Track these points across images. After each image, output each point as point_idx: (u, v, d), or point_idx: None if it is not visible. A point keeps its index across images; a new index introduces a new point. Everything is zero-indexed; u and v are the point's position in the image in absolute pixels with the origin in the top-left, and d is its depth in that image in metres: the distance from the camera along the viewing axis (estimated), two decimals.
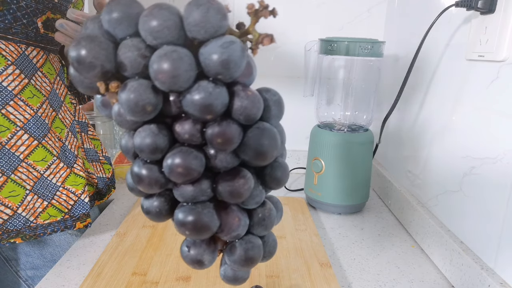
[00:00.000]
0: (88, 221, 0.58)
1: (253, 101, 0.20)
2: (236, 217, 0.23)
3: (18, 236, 0.53)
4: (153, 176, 0.21)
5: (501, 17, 0.47)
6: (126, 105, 0.19)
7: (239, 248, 0.24)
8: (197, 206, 0.22)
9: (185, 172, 0.20)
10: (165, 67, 0.18)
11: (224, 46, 0.19)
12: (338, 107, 0.81)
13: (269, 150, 0.21)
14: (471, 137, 0.53)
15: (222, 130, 0.20)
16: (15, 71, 0.51)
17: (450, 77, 0.59)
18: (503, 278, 0.45)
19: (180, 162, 0.20)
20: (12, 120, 0.51)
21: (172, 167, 0.20)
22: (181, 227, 0.22)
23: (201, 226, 0.22)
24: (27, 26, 0.51)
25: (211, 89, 0.19)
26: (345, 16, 0.90)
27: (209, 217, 0.22)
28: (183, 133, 0.20)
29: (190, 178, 0.21)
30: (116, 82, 0.20)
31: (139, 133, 0.20)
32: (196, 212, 0.22)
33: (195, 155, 0.20)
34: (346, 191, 0.71)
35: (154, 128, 0.20)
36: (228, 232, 0.23)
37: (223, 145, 0.20)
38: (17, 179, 0.51)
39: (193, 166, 0.20)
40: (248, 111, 0.20)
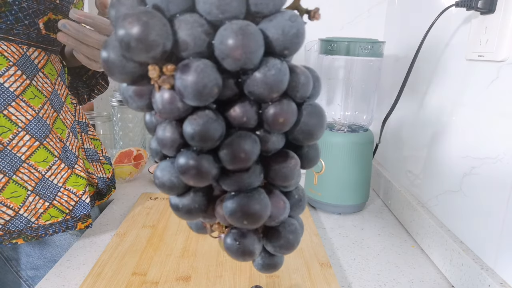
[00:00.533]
0: (89, 221, 0.58)
1: (307, 76, 0.20)
2: (281, 200, 0.22)
3: (19, 237, 0.53)
4: (208, 167, 0.20)
5: (501, 17, 0.47)
6: (192, 88, 0.17)
7: (284, 232, 0.23)
8: (252, 192, 0.21)
9: (246, 157, 0.19)
10: (240, 42, 0.17)
11: (292, 20, 0.18)
12: (338, 107, 0.81)
13: (319, 128, 0.21)
14: (471, 137, 0.53)
15: (285, 109, 0.19)
16: (17, 72, 0.51)
17: (450, 77, 0.59)
18: (503, 278, 0.45)
19: (241, 148, 0.19)
20: (13, 121, 0.51)
21: (232, 154, 0.19)
22: (235, 216, 0.21)
23: (257, 213, 0.21)
24: (29, 27, 0.51)
25: (279, 65, 0.18)
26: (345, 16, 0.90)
27: (265, 203, 0.21)
28: (240, 117, 0.19)
29: (248, 164, 0.20)
30: (172, 64, 0.18)
31: (194, 121, 0.19)
32: (252, 199, 0.21)
33: (254, 139, 0.20)
34: (346, 191, 0.71)
35: (211, 114, 0.19)
36: (276, 217, 0.22)
37: (284, 125, 0.19)
38: (18, 180, 0.51)
39: (253, 150, 0.19)
40: (305, 87, 0.20)
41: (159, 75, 0.18)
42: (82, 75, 0.69)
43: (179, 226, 0.63)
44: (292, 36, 0.18)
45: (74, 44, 0.51)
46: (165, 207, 0.70)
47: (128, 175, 0.85)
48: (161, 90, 0.19)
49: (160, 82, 0.18)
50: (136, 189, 0.82)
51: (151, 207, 0.70)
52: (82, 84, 0.69)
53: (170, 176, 0.21)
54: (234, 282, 0.49)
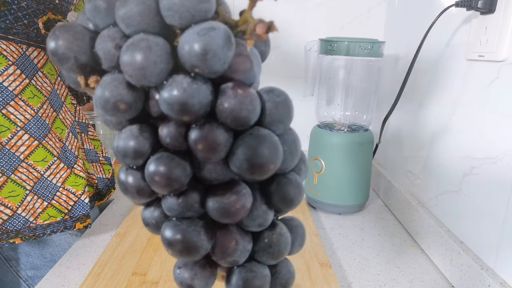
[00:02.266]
0: (88, 221, 0.58)
1: (242, 101, 0.17)
2: (233, 239, 0.19)
3: (17, 237, 0.53)
4: (137, 184, 0.19)
5: (501, 17, 0.47)
6: (98, 102, 0.17)
7: (236, 277, 0.20)
8: (183, 222, 0.19)
9: (165, 181, 0.17)
10: (131, 58, 0.16)
11: (200, 34, 0.16)
12: (338, 107, 0.81)
13: (264, 161, 0.17)
14: (471, 137, 0.53)
15: (204, 134, 0.17)
16: (16, 71, 0.51)
17: (450, 77, 0.59)
18: (503, 278, 0.45)
19: (159, 170, 0.17)
20: (12, 120, 0.51)
21: (151, 175, 0.18)
22: (165, 244, 0.19)
23: (185, 246, 0.19)
24: (28, 26, 0.51)
25: (186, 84, 0.16)
26: (345, 16, 0.90)
27: (195, 237, 0.19)
28: (165, 137, 0.18)
29: (173, 189, 0.18)
30: (95, 77, 0.18)
31: (120, 135, 0.18)
32: (180, 229, 0.19)
33: (177, 162, 0.18)
34: (346, 191, 0.71)
35: (134, 130, 0.18)
36: (222, 256, 0.20)
37: (206, 152, 0.17)
38: (17, 179, 0.51)
39: (174, 175, 0.17)
40: (236, 113, 0.17)
41: (84, 86, 0.18)
42: None
43: None
44: (196, 53, 0.16)
45: None
46: None
47: None
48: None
49: (88, 93, 0.18)
50: None
51: None
52: None
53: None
54: None
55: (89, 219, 0.58)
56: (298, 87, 0.91)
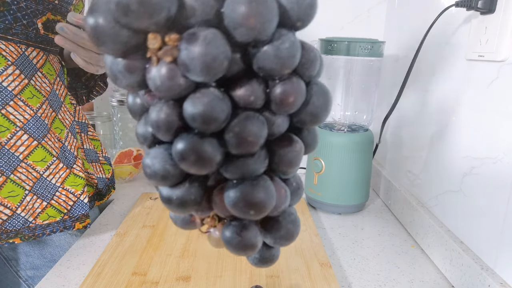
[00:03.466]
0: (87, 221, 0.58)
1: (316, 54, 0.18)
2: (282, 188, 0.20)
3: (17, 237, 0.53)
4: (212, 152, 0.17)
5: (501, 17, 0.47)
6: (201, 60, 0.15)
7: (284, 222, 0.22)
8: (258, 180, 0.19)
9: (254, 140, 0.17)
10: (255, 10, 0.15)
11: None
12: (338, 107, 0.81)
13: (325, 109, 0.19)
14: (471, 137, 0.53)
15: (295, 88, 0.18)
16: (15, 71, 0.51)
17: (450, 77, 0.59)
18: (503, 278, 0.45)
19: (250, 130, 0.17)
20: (12, 120, 0.51)
21: (240, 137, 0.17)
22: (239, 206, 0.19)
23: (264, 203, 0.19)
24: (27, 27, 0.51)
25: (293, 38, 0.17)
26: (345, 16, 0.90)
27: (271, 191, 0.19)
28: (247, 96, 0.17)
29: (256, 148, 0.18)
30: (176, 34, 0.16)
31: (198, 99, 0.17)
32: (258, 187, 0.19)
33: (262, 121, 0.18)
34: (346, 191, 0.71)
35: (217, 92, 0.17)
36: (279, 206, 0.20)
37: (293, 105, 0.18)
38: (16, 179, 0.51)
39: (261, 133, 0.18)
40: (314, 65, 0.18)
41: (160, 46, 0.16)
42: (81, 76, 0.69)
43: None
44: (307, 7, 0.17)
45: (71, 47, 0.51)
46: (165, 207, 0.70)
47: (128, 175, 0.85)
48: (160, 64, 0.16)
49: (161, 54, 0.16)
50: (136, 189, 0.82)
51: (151, 207, 0.70)
52: (81, 85, 0.69)
53: (164, 164, 0.19)
54: (234, 282, 0.49)
55: (89, 219, 0.58)
56: None
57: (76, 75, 0.68)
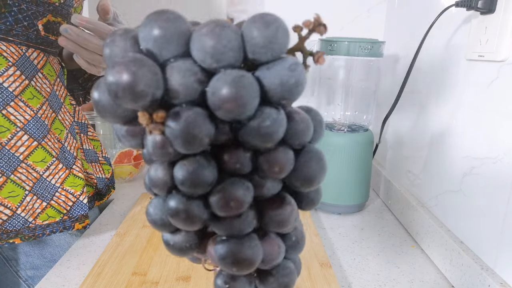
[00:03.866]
0: (87, 222, 0.58)
1: (307, 124, 0.19)
2: (276, 245, 0.21)
3: (17, 237, 0.53)
4: (197, 212, 0.19)
5: (501, 17, 0.47)
6: (181, 137, 0.17)
7: (277, 276, 0.22)
8: (243, 239, 0.20)
9: (237, 205, 0.19)
10: (233, 94, 0.16)
11: (291, 69, 0.17)
12: (338, 107, 0.81)
13: (319, 174, 0.20)
14: (471, 137, 0.53)
15: (280, 157, 0.18)
16: (16, 72, 0.51)
17: (450, 77, 0.59)
18: (503, 278, 0.45)
19: (232, 195, 0.18)
20: (12, 120, 0.51)
21: (222, 201, 0.18)
22: (225, 262, 0.20)
23: (248, 260, 0.20)
24: (28, 28, 0.51)
25: (275, 115, 0.17)
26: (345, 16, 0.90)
27: (256, 250, 0.20)
28: (233, 163, 0.19)
29: (240, 211, 0.19)
30: (162, 112, 0.17)
31: (184, 166, 0.18)
32: (242, 246, 0.20)
33: (247, 186, 0.19)
34: (346, 191, 0.71)
35: (202, 160, 0.18)
36: (270, 262, 0.21)
37: (279, 173, 0.19)
38: (16, 179, 0.51)
39: (245, 199, 0.19)
40: (304, 135, 0.19)
41: (149, 122, 0.17)
42: (78, 78, 0.69)
43: None
44: (291, 87, 0.17)
45: (74, 49, 0.52)
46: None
47: (128, 175, 0.84)
48: (152, 135, 0.18)
49: (150, 128, 0.18)
50: (136, 189, 0.82)
51: None
52: (77, 87, 0.69)
53: (161, 215, 0.21)
54: None
55: (88, 219, 0.58)
56: None
57: (73, 76, 0.68)
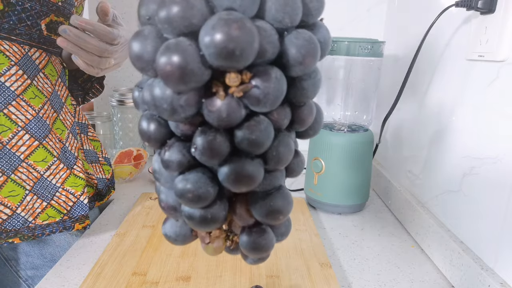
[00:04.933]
0: (87, 222, 0.58)
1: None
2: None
3: (16, 236, 0.53)
4: (255, 170, 0.20)
5: (501, 17, 0.47)
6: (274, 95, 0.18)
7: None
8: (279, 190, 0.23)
9: (287, 159, 0.21)
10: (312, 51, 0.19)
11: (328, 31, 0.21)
12: (338, 107, 0.81)
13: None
14: (471, 137, 0.53)
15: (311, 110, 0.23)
16: (18, 72, 0.51)
17: (450, 77, 0.59)
18: (503, 278, 0.45)
19: (284, 150, 0.21)
20: (13, 120, 0.51)
21: (279, 156, 0.21)
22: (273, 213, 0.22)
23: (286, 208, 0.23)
24: (31, 27, 0.51)
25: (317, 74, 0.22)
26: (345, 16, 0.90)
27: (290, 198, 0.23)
28: (282, 119, 0.21)
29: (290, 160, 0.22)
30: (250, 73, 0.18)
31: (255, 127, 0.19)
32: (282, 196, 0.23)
33: (293, 140, 0.22)
34: (346, 191, 0.71)
35: (267, 120, 0.20)
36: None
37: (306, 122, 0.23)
38: (17, 179, 0.51)
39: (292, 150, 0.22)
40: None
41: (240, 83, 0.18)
42: (78, 78, 0.69)
43: None
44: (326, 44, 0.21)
45: (73, 49, 0.52)
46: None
47: (128, 175, 0.85)
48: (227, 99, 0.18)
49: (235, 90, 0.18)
50: (136, 189, 0.82)
51: (151, 207, 0.70)
52: (77, 87, 0.69)
53: (206, 187, 0.20)
54: (234, 282, 0.49)
55: (88, 220, 0.58)
56: None
57: (72, 76, 0.68)
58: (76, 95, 0.70)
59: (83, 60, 0.53)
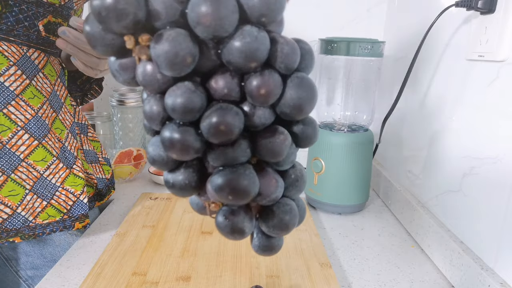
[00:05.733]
0: (87, 221, 0.58)
1: (293, 47, 0.19)
2: (273, 178, 0.21)
3: (17, 236, 0.53)
4: (189, 139, 0.19)
5: (501, 17, 0.47)
6: (164, 57, 0.17)
7: (278, 212, 0.22)
8: (238, 168, 0.20)
9: (227, 130, 0.19)
10: (210, 9, 0.17)
11: None
12: (338, 107, 0.81)
13: (308, 101, 0.20)
14: (471, 137, 0.53)
15: (266, 80, 0.19)
16: (17, 72, 0.51)
17: (450, 77, 0.59)
18: (503, 278, 0.45)
19: (221, 120, 0.19)
20: (13, 119, 0.51)
21: (212, 126, 0.19)
22: (221, 192, 0.20)
23: (243, 189, 0.20)
24: (29, 28, 0.51)
25: (256, 33, 0.18)
26: (345, 16, 0.90)
27: (252, 179, 0.20)
28: (221, 88, 0.19)
29: (231, 137, 0.19)
30: (147, 34, 0.18)
31: (173, 92, 0.19)
32: (238, 174, 0.20)
33: (236, 111, 0.19)
34: (346, 191, 0.71)
35: (190, 85, 0.19)
36: (267, 195, 0.21)
37: (266, 97, 0.19)
38: (17, 178, 0.52)
39: (235, 123, 0.19)
40: (290, 58, 0.19)
41: (134, 46, 0.18)
42: (77, 79, 0.69)
43: (179, 226, 0.63)
44: (270, 2, 0.18)
45: (72, 51, 0.52)
46: (165, 207, 0.70)
47: (128, 175, 0.85)
48: (141, 62, 0.19)
49: (136, 52, 0.18)
50: (136, 189, 0.82)
51: (151, 207, 0.70)
52: (75, 88, 0.69)
53: (159, 151, 0.21)
54: (234, 282, 0.49)
55: (88, 219, 0.58)
56: None
57: (71, 77, 0.68)
58: (75, 96, 0.70)
59: (82, 62, 0.54)
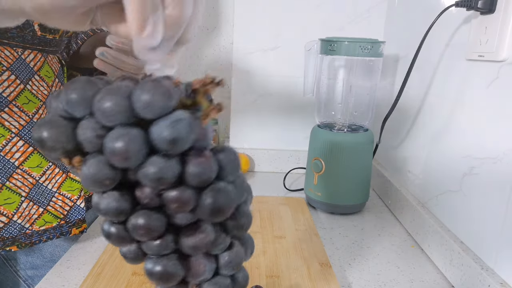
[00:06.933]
0: (84, 226, 0.58)
1: (204, 167, 0.21)
2: (201, 264, 0.25)
3: (13, 244, 0.52)
4: (120, 235, 0.23)
5: (501, 17, 0.47)
6: (88, 178, 0.21)
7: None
8: (163, 258, 0.24)
9: (147, 232, 0.22)
10: (118, 149, 0.20)
11: (171, 126, 0.20)
12: (338, 107, 0.81)
13: (224, 209, 0.22)
14: (471, 137, 0.53)
15: (177, 195, 0.21)
16: (10, 77, 0.50)
17: (450, 77, 0.59)
18: (503, 278, 0.45)
19: (142, 224, 0.22)
20: (6, 126, 0.50)
21: (135, 228, 0.22)
22: (150, 276, 0.24)
23: (167, 276, 0.24)
24: (23, 29, 0.50)
25: (162, 164, 0.20)
26: (345, 16, 0.90)
27: (174, 268, 0.24)
28: (143, 198, 0.22)
29: (153, 236, 0.23)
30: (78, 157, 0.21)
31: (104, 199, 0.22)
32: (161, 264, 0.24)
33: (156, 217, 0.22)
34: (346, 191, 0.71)
35: (116, 195, 0.22)
36: (195, 277, 0.25)
37: (180, 208, 0.22)
38: (12, 186, 0.51)
39: (154, 227, 0.22)
40: (201, 177, 0.21)
41: (69, 165, 0.22)
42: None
43: None
44: (170, 141, 0.20)
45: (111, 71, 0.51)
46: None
47: None
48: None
49: (72, 171, 0.22)
50: None
51: None
52: None
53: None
54: None
55: (85, 223, 0.58)
56: (298, 87, 0.91)
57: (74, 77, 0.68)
58: None
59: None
